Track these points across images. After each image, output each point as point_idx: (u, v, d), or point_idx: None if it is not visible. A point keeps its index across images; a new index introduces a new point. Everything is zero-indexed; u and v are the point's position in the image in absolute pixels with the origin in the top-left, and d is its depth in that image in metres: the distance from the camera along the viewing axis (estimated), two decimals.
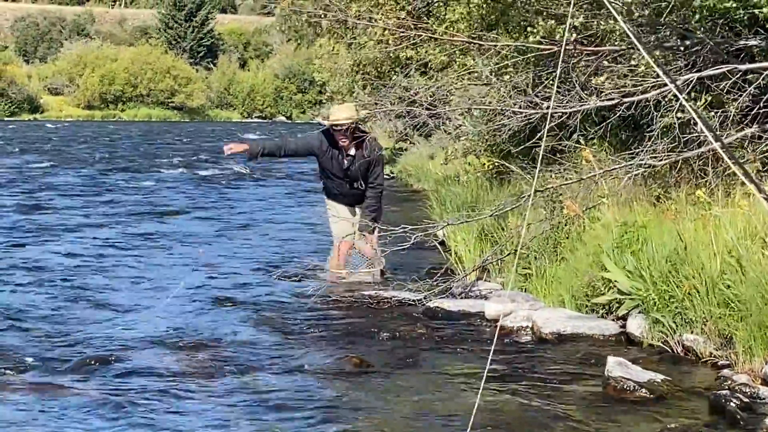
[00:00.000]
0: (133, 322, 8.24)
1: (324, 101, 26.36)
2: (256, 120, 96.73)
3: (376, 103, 11.13)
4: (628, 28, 4.38)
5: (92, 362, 6.74)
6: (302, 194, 20.68)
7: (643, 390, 6.01)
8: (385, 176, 10.79)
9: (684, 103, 4.87)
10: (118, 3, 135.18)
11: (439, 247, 10.72)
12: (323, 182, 10.56)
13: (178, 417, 5.74)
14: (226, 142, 10.27)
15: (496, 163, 10.71)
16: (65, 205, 17.65)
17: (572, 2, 7.56)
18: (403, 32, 10.49)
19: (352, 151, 10.07)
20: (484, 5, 10.79)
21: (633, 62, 8.80)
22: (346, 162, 10.11)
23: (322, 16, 12.03)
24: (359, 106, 10.56)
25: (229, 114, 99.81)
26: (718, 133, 7.65)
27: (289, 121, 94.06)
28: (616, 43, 9.13)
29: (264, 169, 28.83)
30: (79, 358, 6.87)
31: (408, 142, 23.77)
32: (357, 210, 10.40)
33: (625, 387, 6.04)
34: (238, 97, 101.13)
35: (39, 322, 8.16)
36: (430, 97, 10.61)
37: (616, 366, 6.20)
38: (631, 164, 8.55)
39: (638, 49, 8.89)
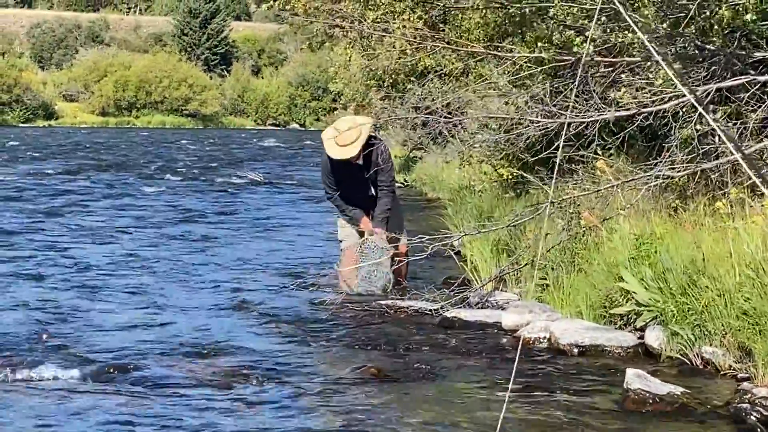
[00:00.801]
0: (150, 328, 8.26)
1: (338, 109, 26.34)
2: (269, 127, 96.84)
3: (393, 111, 11.14)
4: (648, 42, 4.37)
5: (111, 370, 6.75)
6: (318, 200, 20.71)
7: (663, 403, 5.99)
8: (397, 183, 10.64)
9: (704, 114, 4.86)
10: (133, 10, 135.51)
11: (455, 257, 10.70)
12: (342, 196, 10.20)
13: (198, 425, 5.75)
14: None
15: (513, 173, 10.68)
16: (82, 212, 17.71)
17: (597, 13, 7.54)
18: (420, 42, 10.48)
19: (361, 161, 9.90)
20: (501, 14, 10.78)
21: (651, 74, 8.79)
22: (357, 168, 9.91)
23: (339, 25, 12.03)
24: (366, 117, 10.43)
25: (242, 121, 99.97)
26: (738, 144, 7.62)
27: (303, 129, 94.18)
28: (634, 54, 9.12)
29: (278, 176, 28.88)
30: (99, 365, 6.88)
31: (423, 150, 23.76)
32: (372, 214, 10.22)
33: (644, 399, 6.02)
34: (251, 105, 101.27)
35: (57, 328, 8.19)
36: (446, 106, 10.62)
37: (635, 378, 6.17)
38: (649, 175, 8.53)
39: (657, 62, 8.90)
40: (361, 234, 10.03)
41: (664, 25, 8.25)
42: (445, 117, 9.62)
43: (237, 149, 48.54)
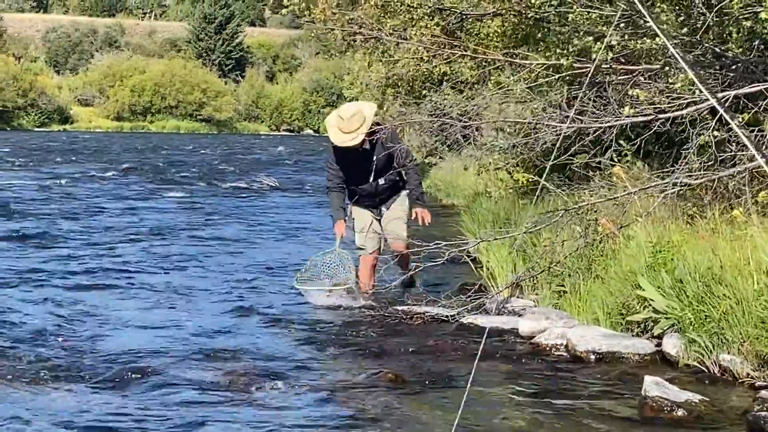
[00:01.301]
0: (167, 330, 8.30)
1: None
2: (284, 133, 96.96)
3: (410, 118, 11.13)
4: (672, 46, 4.37)
5: (129, 374, 6.77)
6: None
7: (681, 410, 5.98)
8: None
9: (729, 120, 4.86)
10: (148, 15, 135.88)
11: (470, 263, 10.69)
12: (349, 189, 10.07)
13: (215, 429, 5.76)
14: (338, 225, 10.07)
15: (529, 180, 10.66)
16: (99, 215, 17.74)
17: (617, 17, 7.55)
18: (438, 49, 10.49)
19: (368, 145, 9.69)
20: (518, 22, 10.79)
21: (670, 80, 8.79)
22: (363, 155, 9.71)
23: (357, 32, 12.05)
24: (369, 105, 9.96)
25: (257, 127, 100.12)
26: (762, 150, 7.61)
27: (317, 135, 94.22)
28: (652, 62, 9.13)
29: (293, 181, 28.92)
30: (116, 369, 6.90)
31: (437, 156, 23.76)
32: (383, 210, 10.10)
33: (662, 407, 6.02)
34: (266, 110, 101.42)
35: (73, 332, 8.22)
36: (463, 112, 10.62)
37: (653, 385, 6.17)
38: (666, 183, 8.53)
39: (675, 68, 8.89)
40: (377, 214, 10.05)
41: (683, 31, 8.25)
42: (462, 121, 9.60)
43: (251, 155, 48.61)
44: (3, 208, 18.46)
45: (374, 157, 9.71)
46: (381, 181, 9.89)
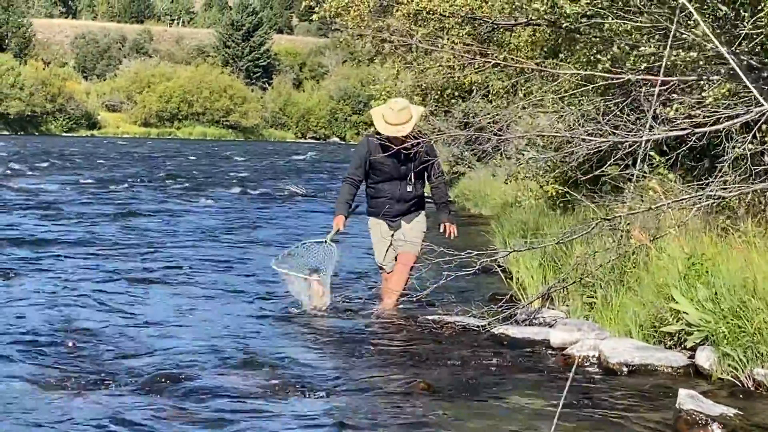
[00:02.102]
0: (201, 338, 8.30)
1: None
2: (310, 140, 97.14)
3: (440, 128, 11.13)
4: (733, 59, 4.36)
5: (162, 379, 6.78)
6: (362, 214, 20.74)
7: (715, 424, 5.94)
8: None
9: None
10: (176, 22, 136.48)
11: (500, 273, 10.67)
12: (369, 195, 9.99)
13: None
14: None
15: (561, 191, 10.64)
16: (127, 222, 17.82)
17: (671, 31, 7.52)
18: (471, 58, 10.48)
19: (409, 144, 9.52)
20: (551, 32, 10.78)
21: (704, 93, 8.77)
22: (402, 154, 9.57)
23: (388, 40, 12.06)
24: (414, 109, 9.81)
25: (283, 134, 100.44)
26: None
27: (343, 143, 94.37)
28: (686, 73, 9.10)
29: (319, 188, 28.98)
30: (149, 375, 6.92)
31: (466, 166, 23.74)
32: (403, 223, 9.91)
33: (696, 420, 5.97)
34: (292, 118, 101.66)
35: (107, 335, 8.26)
36: (494, 123, 10.61)
37: (687, 398, 6.13)
38: (700, 195, 8.50)
39: (709, 80, 8.87)
40: (396, 226, 9.89)
41: (722, 39, 8.22)
42: (495, 133, 9.59)
43: (278, 161, 48.73)
44: (39, 211, 18.64)
45: (410, 162, 9.63)
46: (409, 188, 9.81)
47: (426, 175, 9.89)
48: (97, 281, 11.00)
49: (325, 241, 9.82)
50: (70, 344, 7.86)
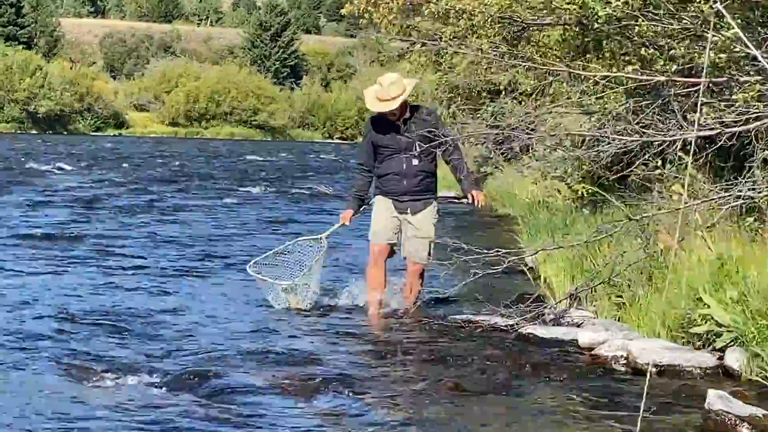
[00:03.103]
0: (230, 335, 8.34)
1: None
2: (337, 141, 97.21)
3: (468, 129, 11.14)
4: (765, 60, 4.36)
5: (191, 376, 6.81)
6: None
7: (745, 425, 5.93)
8: (467, 200, 10.15)
9: None
10: (204, 22, 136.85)
11: (527, 272, 10.67)
12: (377, 175, 9.63)
13: None
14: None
15: (589, 191, 10.62)
16: (153, 219, 17.91)
17: (709, 30, 7.51)
18: (500, 57, 10.48)
19: (407, 115, 9.42)
20: (581, 33, 10.77)
21: (733, 94, 8.75)
22: (402, 127, 9.39)
23: (417, 39, 12.07)
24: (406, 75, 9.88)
25: (311, 134, 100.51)
26: None
27: None
28: (716, 75, 9.08)
29: (346, 188, 29.04)
30: (177, 371, 6.95)
31: (493, 166, 23.72)
32: (409, 214, 9.52)
33: (726, 421, 5.96)
34: (320, 118, 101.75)
35: (135, 331, 8.32)
36: (524, 123, 10.61)
37: (717, 399, 6.12)
38: (729, 195, 8.48)
39: (738, 82, 8.85)
40: (402, 209, 9.54)
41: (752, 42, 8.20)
42: (527, 132, 9.59)
43: (306, 161, 48.85)
44: (76, 207, 18.83)
45: (410, 132, 9.33)
46: (415, 162, 9.41)
47: (438, 152, 9.47)
48: (128, 277, 11.07)
49: (321, 238, 9.70)
50: (97, 339, 7.92)
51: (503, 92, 15.57)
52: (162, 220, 17.88)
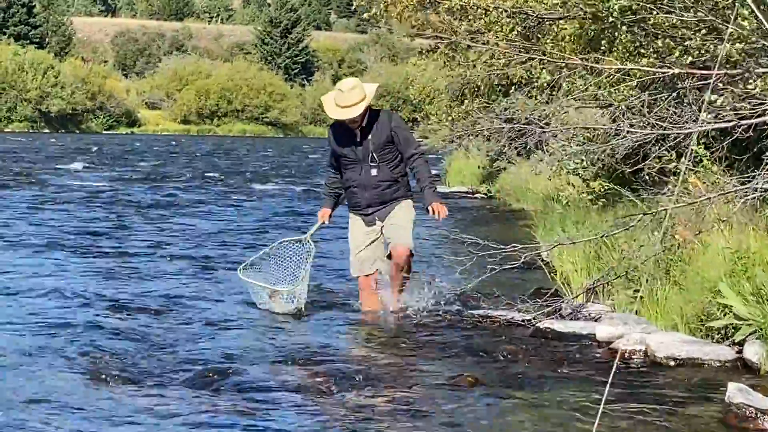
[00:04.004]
0: (248, 333, 8.36)
1: (419, 119, 26.37)
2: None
3: (481, 123, 11.12)
4: None
5: (211, 375, 6.82)
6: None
7: (765, 417, 5.92)
8: (480, 194, 10.02)
9: None
10: (215, 19, 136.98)
11: (543, 267, 10.65)
12: (343, 186, 9.23)
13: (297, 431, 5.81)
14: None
15: (606, 186, 10.58)
16: (167, 217, 17.94)
17: (727, 22, 7.49)
18: (516, 52, 10.46)
19: (365, 123, 8.91)
20: (595, 25, 10.73)
21: (748, 85, 8.71)
22: (358, 135, 8.91)
23: (432, 34, 12.05)
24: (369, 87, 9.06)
25: (322, 130, 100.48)
26: None
27: None
28: (730, 67, 9.04)
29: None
30: (197, 370, 6.96)
31: (506, 161, 23.70)
32: (377, 221, 9.11)
33: (747, 414, 5.95)
34: None
35: (154, 331, 8.32)
36: (540, 117, 10.58)
37: (737, 392, 6.11)
38: (746, 188, 8.45)
39: (754, 73, 8.81)
40: (372, 222, 9.12)
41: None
42: (541, 127, 9.56)
43: (317, 157, 48.95)
44: (94, 204, 18.87)
45: (367, 141, 8.88)
46: (374, 172, 8.94)
47: (398, 154, 9.04)
48: (139, 276, 11.09)
49: (305, 239, 9.37)
50: (117, 340, 7.94)
51: (515, 87, 15.52)
52: (179, 217, 17.96)
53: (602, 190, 10.97)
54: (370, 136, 8.87)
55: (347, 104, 8.76)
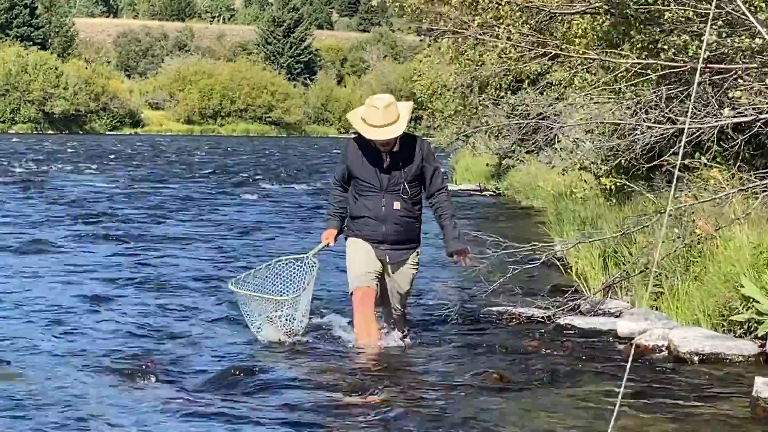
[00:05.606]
0: None
1: (424, 118, 26.32)
2: (352, 136, 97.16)
3: (491, 119, 11.09)
4: None
5: (237, 372, 6.81)
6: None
7: None
8: (489, 192, 9.77)
9: None
10: (217, 19, 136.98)
11: (559, 265, 10.63)
12: (350, 212, 7.95)
13: (324, 427, 5.79)
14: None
15: (620, 183, 10.52)
16: (178, 217, 17.95)
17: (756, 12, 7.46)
18: (530, 48, 10.43)
19: (396, 147, 7.74)
20: (609, 20, 10.70)
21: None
22: (387, 160, 7.71)
23: (446, 29, 12.01)
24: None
25: (325, 129, 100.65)
26: None
27: None
28: (749, 61, 9.02)
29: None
30: (222, 368, 6.95)
31: (516, 159, 23.68)
32: (389, 265, 7.89)
33: None
34: (335, 113, 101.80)
35: (178, 329, 8.35)
36: (552, 113, 10.55)
37: (764, 387, 6.09)
38: (766, 183, 8.43)
39: None
40: (380, 254, 7.86)
41: None
42: (556, 122, 9.53)
43: (321, 157, 48.98)
44: (95, 208, 18.87)
45: (399, 170, 7.73)
46: (397, 205, 7.75)
47: (422, 187, 7.92)
48: (157, 275, 11.09)
49: (306, 257, 8.14)
50: (139, 338, 7.94)
51: (525, 83, 15.49)
52: (196, 217, 18.00)
53: (616, 185, 10.93)
54: (401, 163, 7.74)
55: (384, 123, 7.61)
